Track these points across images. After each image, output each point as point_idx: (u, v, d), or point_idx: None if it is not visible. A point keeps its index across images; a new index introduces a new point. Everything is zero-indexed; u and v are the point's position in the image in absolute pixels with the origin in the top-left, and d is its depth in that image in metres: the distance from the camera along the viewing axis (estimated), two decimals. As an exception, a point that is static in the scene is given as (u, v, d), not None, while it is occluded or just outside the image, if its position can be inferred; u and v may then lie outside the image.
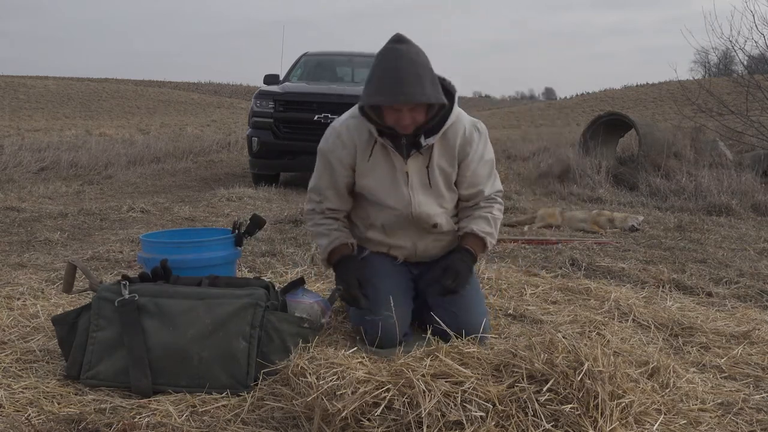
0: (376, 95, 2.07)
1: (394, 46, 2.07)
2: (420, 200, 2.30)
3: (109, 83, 44.54)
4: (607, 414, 1.61)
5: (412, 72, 2.03)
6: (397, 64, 2.03)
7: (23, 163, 8.19)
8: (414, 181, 2.28)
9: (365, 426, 1.57)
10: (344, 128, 2.29)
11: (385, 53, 2.07)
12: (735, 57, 10.55)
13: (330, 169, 2.32)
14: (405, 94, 2.02)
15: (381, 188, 2.29)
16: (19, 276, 3.16)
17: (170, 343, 1.93)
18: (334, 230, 2.37)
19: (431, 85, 2.07)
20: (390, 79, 2.03)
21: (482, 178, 2.34)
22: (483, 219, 2.34)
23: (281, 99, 7.08)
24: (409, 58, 2.04)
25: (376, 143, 2.24)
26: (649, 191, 6.91)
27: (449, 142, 2.27)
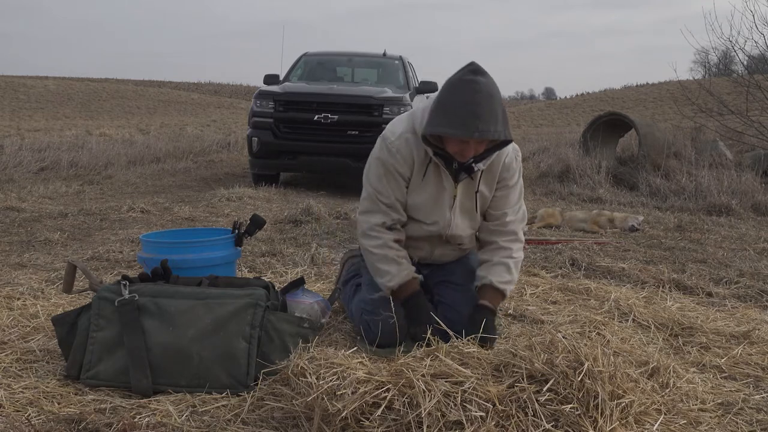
0: (448, 126, 2.00)
1: (474, 78, 1.99)
2: (458, 223, 2.31)
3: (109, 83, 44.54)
4: (607, 414, 1.61)
5: (489, 108, 1.97)
6: (474, 98, 1.96)
7: (23, 163, 8.19)
8: (457, 205, 2.28)
9: (365, 426, 1.57)
10: (403, 143, 2.21)
11: (463, 84, 1.99)
12: (735, 57, 10.57)
13: (395, 180, 2.24)
14: (480, 131, 1.97)
15: (426, 206, 2.27)
16: (19, 276, 3.16)
17: (170, 343, 1.93)
18: (403, 259, 2.27)
19: (503, 121, 2.02)
20: (467, 113, 1.96)
21: (511, 202, 2.33)
22: (503, 266, 2.29)
23: (281, 99, 7.08)
24: (488, 92, 1.98)
25: (430, 162, 2.20)
26: (649, 191, 6.91)
27: (493, 168, 2.26)
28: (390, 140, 2.22)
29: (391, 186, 2.24)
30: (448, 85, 2.03)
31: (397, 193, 2.25)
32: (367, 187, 2.30)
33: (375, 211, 2.28)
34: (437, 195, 2.25)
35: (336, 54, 8.95)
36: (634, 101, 35.99)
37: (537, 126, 30.07)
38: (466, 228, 2.35)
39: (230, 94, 47.10)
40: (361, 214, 2.33)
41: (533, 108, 41.13)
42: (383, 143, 2.24)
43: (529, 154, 11.45)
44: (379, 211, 2.27)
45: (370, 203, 2.28)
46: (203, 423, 1.74)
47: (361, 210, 2.33)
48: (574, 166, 7.77)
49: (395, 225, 2.29)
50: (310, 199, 5.57)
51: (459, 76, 2.02)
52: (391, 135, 2.23)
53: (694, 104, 9.63)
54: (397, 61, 8.46)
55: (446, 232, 2.31)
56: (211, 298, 2.00)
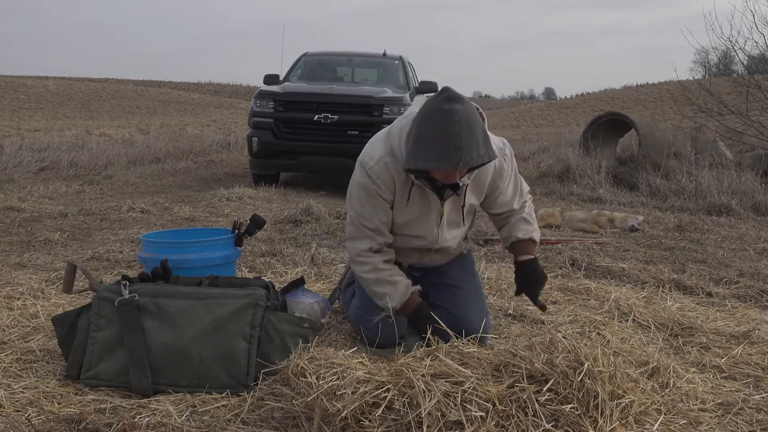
0: (430, 161, 1.94)
1: (451, 107, 1.92)
2: (446, 237, 2.32)
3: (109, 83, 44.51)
4: (607, 414, 1.61)
5: (468, 136, 1.91)
6: (453, 128, 1.90)
7: (23, 163, 8.19)
8: (444, 221, 2.28)
9: (365, 426, 1.57)
10: (382, 168, 2.15)
11: (439, 114, 1.93)
12: (735, 57, 10.57)
13: (378, 205, 2.20)
14: (464, 161, 1.92)
15: (412, 225, 2.27)
16: (19, 276, 3.16)
17: (170, 343, 1.93)
18: (397, 276, 2.26)
19: (485, 144, 1.97)
20: (448, 145, 1.91)
21: (510, 195, 2.36)
22: (520, 221, 2.38)
23: (281, 99, 7.08)
24: (467, 120, 1.92)
25: (413, 185, 2.17)
26: (649, 191, 6.91)
27: (480, 180, 2.25)
28: (369, 165, 2.16)
29: (374, 210, 2.20)
30: (426, 115, 1.96)
31: (381, 216, 2.21)
32: (350, 212, 2.28)
33: (361, 237, 2.25)
34: (423, 214, 2.24)
35: (336, 54, 8.95)
36: (634, 101, 35.98)
37: (537, 126, 30.07)
38: (454, 238, 2.37)
39: (230, 94, 47.08)
40: (348, 240, 2.32)
41: (533, 108, 41.13)
42: (362, 169, 2.18)
43: (529, 154, 11.44)
44: (365, 237, 2.24)
45: (355, 229, 2.26)
46: (203, 423, 1.74)
47: (347, 236, 2.32)
48: (574, 166, 7.77)
49: (382, 248, 2.27)
50: (310, 199, 5.57)
51: (435, 106, 1.95)
52: (370, 160, 2.17)
53: (694, 104, 9.63)
54: (397, 61, 8.46)
55: (434, 247, 2.34)
56: (211, 298, 2.00)
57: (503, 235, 2.43)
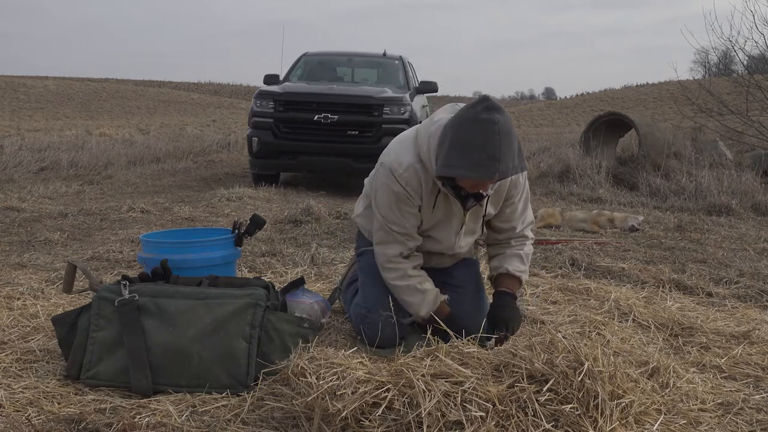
0: (466, 169, 1.93)
1: (491, 117, 1.90)
2: (461, 244, 2.33)
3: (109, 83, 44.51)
4: (607, 414, 1.61)
5: (508, 148, 1.91)
6: (494, 139, 1.89)
7: (23, 163, 8.19)
8: (464, 229, 2.29)
9: (365, 426, 1.57)
10: (412, 174, 2.14)
11: (479, 123, 1.90)
12: (735, 57, 10.57)
13: (407, 210, 2.19)
14: (500, 172, 1.92)
15: (433, 231, 2.28)
16: (19, 276, 3.16)
17: (170, 343, 1.93)
18: (425, 284, 2.26)
19: (519, 155, 1.98)
20: (487, 157, 1.90)
21: (518, 214, 2.34)
22: (516, 257, 2.33)
23: (281, 99, 7.08)
24: (506, 131, 1.90)
25: (440, 192, 2.17)
26: (649, 191, 6.91)
27: (500, 189, 2.23)
28: (398, 172, 2.14)
29: (404, 216, 2.19)
30: (464, 123, 1.94)
31: (411, 220, 2.21)
32: (378, 217, 2.25)
33: (390, 242, 2.24)
34: (446, 221, 2.25)
35: (336, 54, 8.95)
36: (634, 101, 35.98)
37: (537, 126, 30.07)
38: (468, 245, 2.39)
39: (230, 94, 47.08)
40: (377, 245, 2.29)
41: (533, 108, 41.12)
42: (391, 175, 2.16)
43: (529, 154, 11.44)
44: (395, 242, 2.23)
45: (384, 234, 2.24)
46: (203, 423, 1.74)
47: (376, 240, 2.29)
48: (574, 166, 7.77)
49: (412, 253, 2.27)
50: (310, 199, 5.57)
51: (474, 114, 1.92)
52: (399, 167, 2.15)
53: (694, 104, 9.63)
54: (397, 61, 8.46)
55: (449, 253, 2.35)
56: (211, 298, 2.00)
57: (493, 264, 2.37)
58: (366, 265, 2.42)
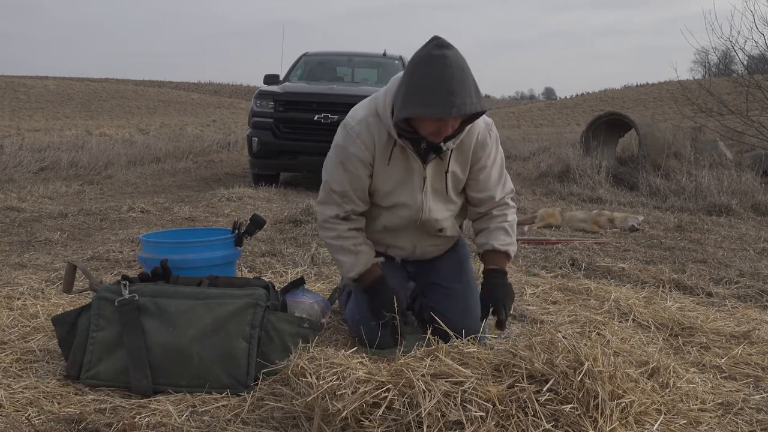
0: (422, 107, 1.89)
1: (441, 53, 1.87)
2: (431, 206, 2.23)
3: (109, 83, 44.52)
4: (607, 414, 1.61)
5: (461, 81, 1.87)
6: (446, 73, 1.86)
7: (23, 163, 8.19)
8: (428, 187, 2.20)
9: (365, 426, 1.57)
10: (364, 127, 2.12)
11: (430, 60, 1.88)
12: (735, 57, 10.58)
13: (352, 169, 2.16)
14: (457, 106, 1.87)
15: (395, 191, 2.20)
16: (19, 276, 3.16)
17: (170, 343, 1.93)
18: (361, 245, 2.23)
19: (476, 92, 1.92)
20: (440, 91, 1.86)
21: (493, 182, 2.27)
22: (500, 230, 2.27)
23: (281, 99, 7.08)
24: (458, 65, 1.87)
25: (395, 145, 2.11)
26: (649, 191, 6.91)
27: (464, 146, 2.17)
28: (350, 125, 2.14)
29: (347, 175, 2.16)
30: (416, 63, 1.91)
31: (353, 182, 2.16)
32: (324, 175, 2.23)
33: (329, 202, 2.23)
34: (405, 177, 2.17)
35: (336, 54, 8.95)
36: (634, 101, 35.99)
37: (537, 126, 30.07)
38: (441, 210, 2.26)
39: (230, 94, 47.08)
40: (317, 204, 2.30)
41: (533, 108, 41.12)
42: (344, 129, 2.15)
43: (529, 154, 11.45)
44: (333, 203, 2.21)
45: (325, 194, 2.23)
46: (203, 423, 1.74)
47: (318, 200, 2.30)
48: (574, 166, 7.77)
49: (349, 215, 2.22)
50: (310, 199, 5.57)
51: (426, 53, 1.90)
52: (352, 120, 2.14)
53: (694, 104, 9.64)
54: (397, 61, 8.46)
55: (420, 217, 2.24)
56: (211, 298, 2.00)
57: (479, 240, 2.30)
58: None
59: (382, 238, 2.34)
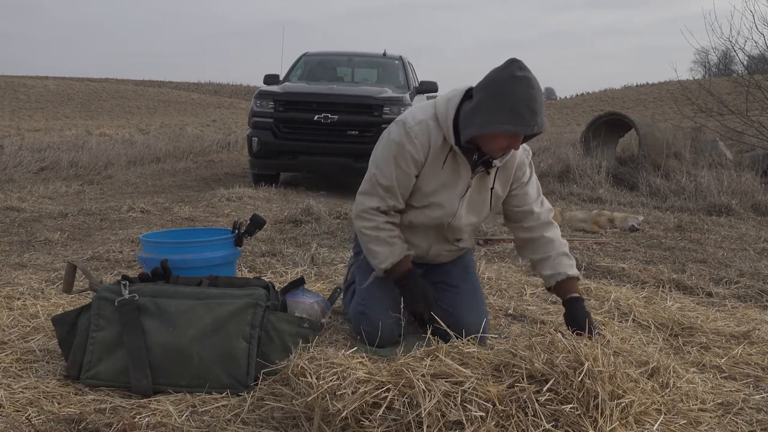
0: (510, 124, 2.00)
1: (525, 75, 2.00)
2: (462, 214, 2.30)
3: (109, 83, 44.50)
4: (607, 414, 1.61)
5: (542, 102, 2.03)
6: (531, 93, 1.99)
7: (23, 163, 8.19)
8: (468, 198, 2.27)
9: (365, 426, 1.57)
10: (423, 128, 2.18)
11: (515, 81, 1.99)
12: (735, 57, 10.57)
13: (404, 166, 2.20)
14: (538, 125, 2.01)
15: (436, 192, 2.25)
16: (19, 276, 3.16)
17: (170, 343, 1.93)
18: (396, 238, 2.28)
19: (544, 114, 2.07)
20: (527, 109, 1.98)
21: (532, 197, 2.34)
22: (564, 256, 2.31)
23: (281, 99, 7.08)
24: (538, 88, 2.02)
25: (450, 151, 2.19)
26: (649, 191, 6.91)
27: (508, 166, 2.26)
28: (410, 124, 2.19)
29: (397, 171, 2.20)
30: (500, 83, 2.01)
31: (401, 179, 2.21)
32: (371, 168, 2.27)
33: (372, 194, 2.26)
34: (451, 183, 2.24)
35: (336, 54, 8.95)
36: (634, 101, 35.98)
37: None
38: (468, 223, 2.34)
39: (230, 94, 47.07)
40: (359, 194, 2.32)
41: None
42: (401, 127, 2.20)
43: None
44: (376, 195, 2.25)
45: (370, 186, 2.27)
46: (203, 423, 1.74)
47: (360, 190, 2.32)
48: (574, 166, 7.77)
49: (389, 210, 2.27)
50: (310, 199, 5.57)
51: (509, 73, 2.01)
52: (411, 120, 2.20)
53: (694, 104, 9.63)
54: (397, 61, 8.46)
55: (449, 221, 2.29)
56: (211, 298, 2.00)
57: (546, 272, 2.31)
58: (364, 265, 2.42)
59: (402, 233, 2.36)
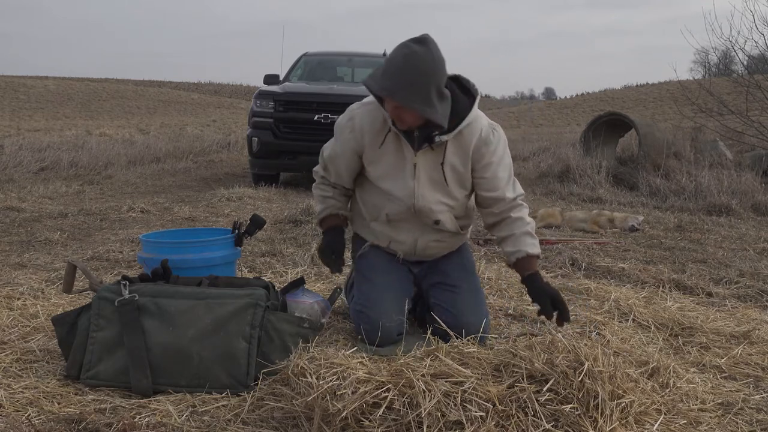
0: (378, 86, 2.10)
1: (410, 45, 2.04)
2: (423, 193, 2.27)
3: (109, 83, 44.50)
4: (607, 414, 1.61)
5: (409, 74, 2.02)
6: (404, 62, 2.02)
7: (23, 163, 8.19)
8: (421, 175, 2.26)
9: (365, 426, 1.57)
10: (360, 112, 2.30)
11: (400, 49, 2.06)
12: (735, 57, 10.57)
13: (338, 148, 2.36)
14: (396, 93, 2.04)
15: (387, 176, 2.29)
16: (19, 276, 3.16)
17: (170, 343, 1.93)
18: (329, 198, 2.45)
19: (427, 97, 2.04)
20: (393, 75, 2.04)
21: (502, 181, 2.30)
22: (527, 235, 2.30)
23: (281, 99, 7.08)
24: (416, 62, 2.02)
25: (389, 131, 2.24)
26: (649, 191, 6.91)
27: (464, 142, 2.24)
28: (353, 108, 2.34)
29: (336, 144, 2.36)
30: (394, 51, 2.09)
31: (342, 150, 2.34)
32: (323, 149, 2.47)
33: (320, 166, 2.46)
34: (398, 163, 2.27)
35: (336, 54, 8.95)
36: (634, 101, 35.98)
37: (537, 126, 30.07)
38: (437, 201, 2.30)
39: (230, 94, 47.08)
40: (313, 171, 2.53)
41: (533, 108, 41.13)
42: (347, 111, 2.35)
43: (529, 154, 11.45)
44: (322, 166, 2.45)
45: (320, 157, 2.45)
46: (203, 423, 1.74)
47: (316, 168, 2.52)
48: (574, 166, 7.77)
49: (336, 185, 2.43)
50: (310, 199, 5.55)
51: (405, 44, 2.07)
52: (356, 104, 2.35)
53: (694, 104, 9.63)
54: (397, 61, 8.45)
55: (413, 203, 2.28)
56: (211, 298, 2.00)
57: (508, 249, 2.31)
58: (362, 266, 2.44)
59: (385, 230, 2.39)
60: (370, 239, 2.45)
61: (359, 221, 2.49)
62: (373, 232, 2.43)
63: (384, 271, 2.39)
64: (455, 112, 2.18)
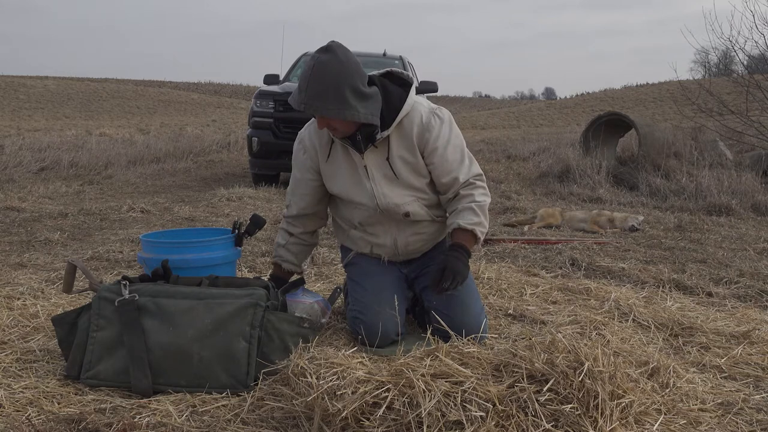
0: (295, 102, 2.13)
1: (315, 56, 2.08)
2: (383, 192, 2.28)
3: (109, 83, 44.50)
4: (607, 414, 1.61)
5: (317, 84, 2.05)
6: (310, 74, 2.06)
7: (23, 163, 8.19)
8: (375, 174, 2.28)
9: (365, 426, 1.57)
10: (306, 132, 2.40)
11: (308, 62, 2.10)
12: (735, 57, 10.58)
13: (297, 174, 2.42)
14: (306, 105, 2.08)
15: (345, 186, 2.33)
16: (19, 276, 3.16)
17: (170, 343, 1.93)
18: (281, 246, 2.48)
19: (342, 101, 2.06)
20: (306, 89, 2.08)
21: (454, 163, 2.28)
22: (468, 210, 2.26)
23: (281, 99, 7.08)
24: (323, 71, 2.05)
25: (333, 143, 2.31)
26: (649, 191, 6.90)
27: (405, 132, 2.25)
28: (300, 132, 2.43)
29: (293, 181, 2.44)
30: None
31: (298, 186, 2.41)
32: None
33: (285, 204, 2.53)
34: (350, 171, 2.31)
35: (336, 54, 8.93)
36: (634, 101, 35.96)
37: (537, 126, 30.06)
38: (400, 195, 2.29)
39: (230, 94, 47.08)
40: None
41: (533, 108, 41.12)
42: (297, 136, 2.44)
43: (529, 154, 11.44)
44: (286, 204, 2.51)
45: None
46: (203, 423, 1.74)
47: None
48: (574, 166, 7.77)
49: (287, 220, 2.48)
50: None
51: (312, 54, 2.11)
52: (303, 128, 2.43)
53: (694, 104, 9.63)
54: (397, 61, 8.46)
55: (376, 203, 2.29)
56: (211, 298, 2.00)
57: (448, 221, 2.31)
58: (353, 273, 2.46)
59: (363, 236, 2.42)
60: (354, 249, 2.47)
61: (341, 233, 2.52)
62: (353, 241, 2.45)
63: (374, 274, 2.39)
64: (391, 106, 2.20)
